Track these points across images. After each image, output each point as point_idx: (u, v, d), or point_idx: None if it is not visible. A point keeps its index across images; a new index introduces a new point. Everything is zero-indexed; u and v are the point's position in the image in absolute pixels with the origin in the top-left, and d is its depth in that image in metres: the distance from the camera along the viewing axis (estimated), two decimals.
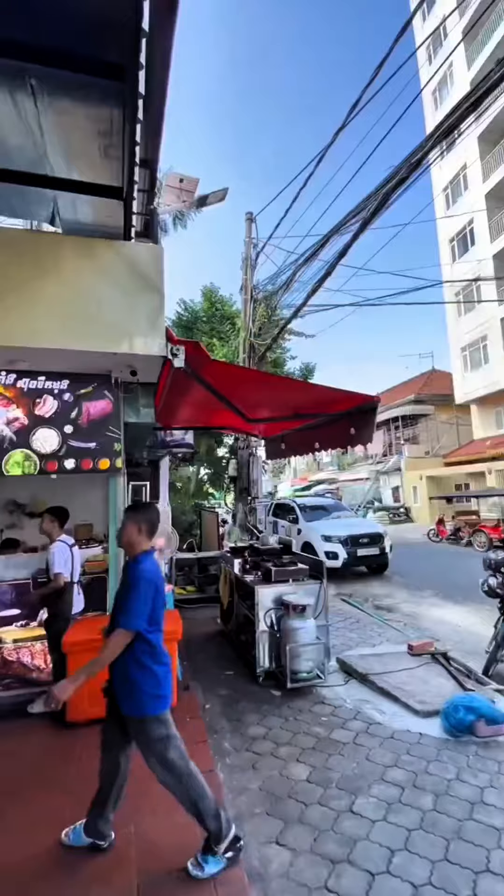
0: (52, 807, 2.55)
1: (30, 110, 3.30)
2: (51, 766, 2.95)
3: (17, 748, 3.16)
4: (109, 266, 3.66)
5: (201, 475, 14.29)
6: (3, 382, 3.93)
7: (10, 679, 3.92)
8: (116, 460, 4.16)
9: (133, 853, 2.21)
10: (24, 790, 2.71)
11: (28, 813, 2.52)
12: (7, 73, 2.94)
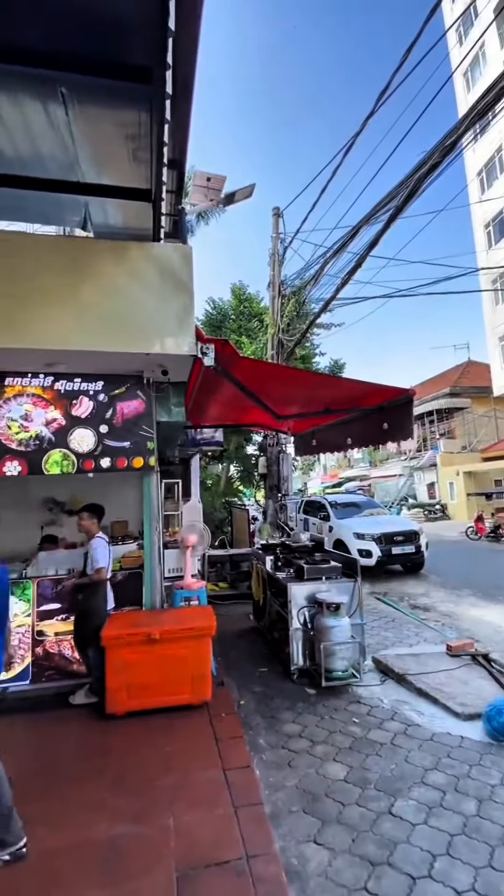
0: (94, 796, 2.62)
1: (61, 119, 3.39)
2: (91, 756, 3.04)
3: (60, 738, 3.28)
4: (140, 268, 3.72)
5: (231, 473, 14.39)
6: (41, 385, 4.07)
7: (51, 670, 4.08)
8: (150, 459, 4.24)
9: (172, 845, 2.25)
10: (67, 780, 2.81)
11: (70, 802, 2.60)
12: (39, 82, 3.03)
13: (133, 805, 2.54)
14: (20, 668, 4.03)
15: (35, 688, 3.99)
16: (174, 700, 3.51)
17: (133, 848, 2.24)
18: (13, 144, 3.59)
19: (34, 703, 3.78)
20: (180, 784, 2.71)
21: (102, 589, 3.82)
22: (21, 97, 3.17)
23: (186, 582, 4.69)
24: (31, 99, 3.19)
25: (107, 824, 2.39)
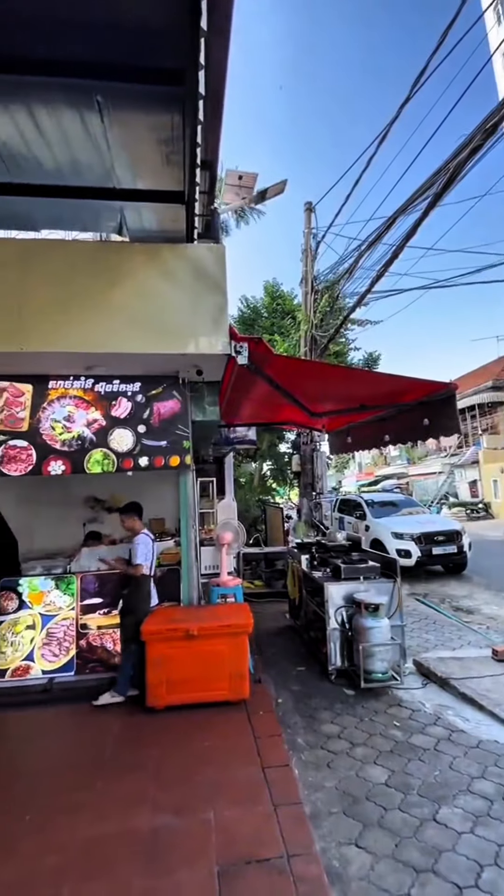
0: (136, 787, 2.69)
1: (97, 127, 3.48)
2: (133, 748, 3.12)
3: (103, 729, 3.38)
4: (174, 269, 3.77)
5: (264, 471, 14.38)
6: (82, 387, 4.21)
7: (94, 663, 4.22)
8: (186, 457, 4.30)
9: (213, 839, 2.27)
10: (110, 769, 2.90)
11: (114, 791, 2.68)
12: (76, 92, 3.12)
13: (174, 798, 2.58)
14: (65, 660, 4.20)
15: (79, 679, 4.14)
16: (212, 696, 3.55)
17: (175, 840, 2.28)
18: (52, 155, 3.72)
19: (78, 693, 3.92)
20: (219, 780, 2.73)
21: (146, 586, 3.91)
22: (59, 108, 3.28)
23: (223, 579, 4.73)
24: (69, 109, 3.30)
25: (149, 815, 2.45)
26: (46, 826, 2.38)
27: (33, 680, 4.10)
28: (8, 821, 2.43)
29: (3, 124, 3.38)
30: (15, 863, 2.14)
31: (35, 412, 4.15)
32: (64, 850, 2.21)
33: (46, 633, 4.22)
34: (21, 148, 3.60)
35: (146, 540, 3.98)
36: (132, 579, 3.93)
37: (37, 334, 3.55)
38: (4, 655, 4.13)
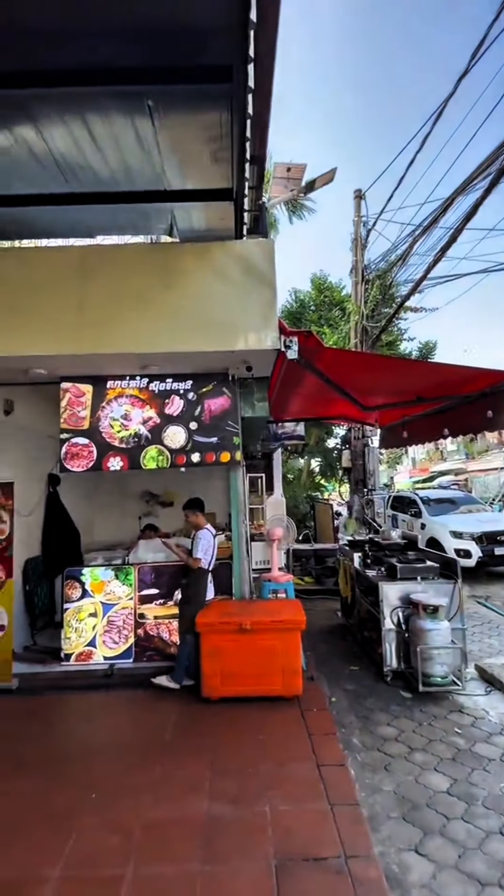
0: (193, 774, 2.77)
1: (148, 131, 3.56)
2: (189, 735, 3.21)
3: (161, 715, 3.51)
4: (224, 266, 3.79)
5: (312, 467, 14.22)
6: (138, 386, 4.37)
7: (151, 651, 4.38)
8: (236, 453, 4.33)
9: (270, 833, 2.29)
10: (169, 755, 2.99)
11: (173, 776, 2.77)
12: (128, 99, 3.20)
13: (230, 787, 2.62)
14: (125, 647, 4.40)
15: (137, 666, 4.32)
16: (265, 690, 3.56)
17: (232, 829, 2.32)
18: (106, 163, 3.86)
19: (137, 680, 4.09)
20: (274, 774, 2.74)
21: (204, 579, 4.00)
22: (112, 116, 3.39)
23: (274, 574, 4.73)
24: (121, 116, 3.40)
25: (206, 803, 2.50)
26: (111, 805, 2.50)
27: (96, 665, 4.33)
28: (75, 797, 2.58)
29: (62, 137, 3.54)
30: (82, 839, 2.27)
31: (95, 411, 4.35)
32: (126, 830, 2.32)
33: (107, 621, 4.43)
34: (78, 158, 3.77)
35: (207, 535, 4.06)
36: (191, 572, 4.03)
37: (95, 337, 3.72)
38: (70, 641, 4.39)
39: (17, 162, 3.79)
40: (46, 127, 3.45)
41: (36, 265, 3.79)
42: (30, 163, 3.80)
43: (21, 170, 3.89)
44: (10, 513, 4.16)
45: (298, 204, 8.77)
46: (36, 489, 5.55)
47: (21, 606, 4.93)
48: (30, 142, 3.58)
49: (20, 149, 3.66)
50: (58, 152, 3.68)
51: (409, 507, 10.69)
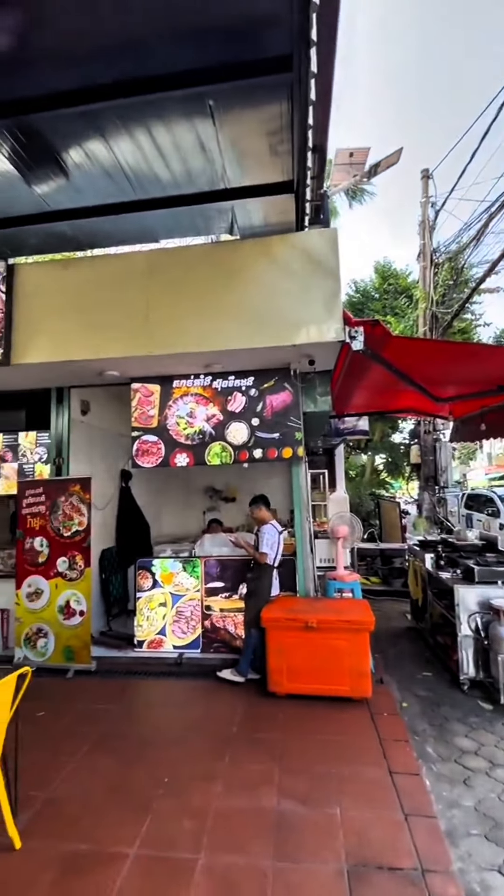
0: (262, 768, 2.78)
1: (209, 131, 3.60)
2: (256, 729, 3.23)
3: (229, 706, 3.57)
4: (285, 260, 3.75)
5: (377, 463, 13.73)
6: (202, 384, 4.47)
7: (218, 643, 4.48)
8: (298, 449, 4.29)
9: (341, 836, 2.24)
10: (238, 746, 3.03)
11: (242, 768, 2.80)
12: (189, 102, 3.26)
13: (298, 785, 2.60)
14: (192, 638, 4.54)
15: (205, 657, 4.44)
16: (333, 690, 3.50)
17: (302, 828, 2.30)
18: (168, 168, 3.97)
19: (204, 670, 4.20)
20: (344, 776, 2.68)
21: (269, 574, 4.02)
22: (173, 121, 3.47)
23: (339, 573, 4.63)
24: (183, 120, 3.47)
25: (275, 798, 2.50)
26: (183, 791, 2.58)
27: (166, 653, 4.51)
28: (149, 780, 2.70)
29: (129, 149, 3.69)
30: (158, 821, 2.36)
31: (162, 410, 4.52)
32: (199, 816, 2.38)
33: (176, 611, 4.60)
34: (143, 166, 3.91)
35: (272, 530, 4.07)
36: (256, 566, 4.06)
37: (162, 338, 3.85)
38: (142, 628, 4.62)
39: (89, 176, 4.02)
40: (114, 139, 3.61)
41: (107, 272, 4.00)
42: (101, 175, 4.01)
43: (93, 183, 4.12)
44: (88, 506, 4.45)
45: (359, 189, 8.46)
46: (110, 484, 5.89)
47: (98, 594, 5.27)
48: (99, 156, 3.77)
49: (92, 163, 3.87)
50: (125, 163, 3.85)
51: (486, 506, 9.98)
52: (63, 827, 2.32)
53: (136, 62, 2.92)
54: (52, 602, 4.41)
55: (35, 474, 4.89)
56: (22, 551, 4.58)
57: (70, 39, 2.79)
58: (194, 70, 2.98)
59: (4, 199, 4.27)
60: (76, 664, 4.26)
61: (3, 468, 5.00)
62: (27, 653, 4.41)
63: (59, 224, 4.60)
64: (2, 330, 3.91)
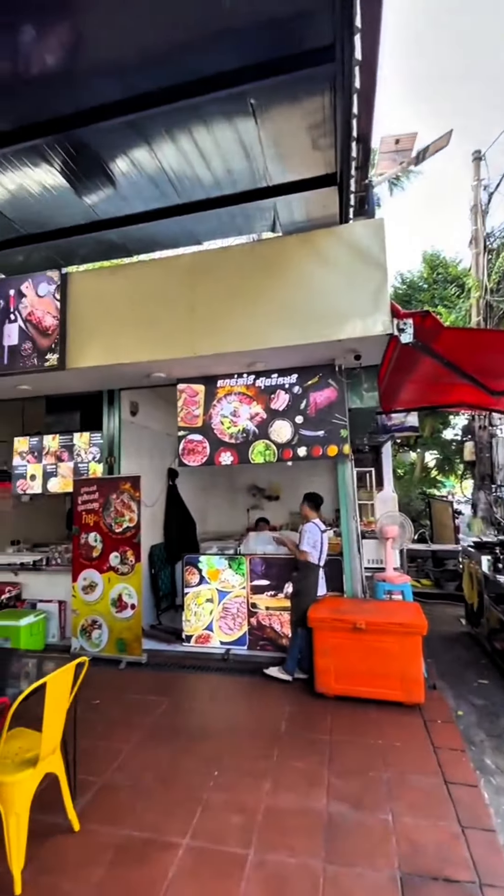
0: (312, 768, 2.75)
1: (251, 130, 3.60)
2: (305, 729, 3.20)
3: (276, 704, 3.56)
4: (328, 254, 3.69)
5: (427, 460, 13.21)
6: (245, 383, 4.49)
7: (264, 641, 4.49)
8: (344, 447, 4.21)
9: (394, 843, 2.17)
10: (285, 745, 3.02)
11: (291, 767, 2.78)
12: (230, 102, 3.27)
13: (350, 789, 2.56)
14: (239, 634, 4.58)
15: (251, 654, 4.46)
16: (383, 694, 3.41)
17: (353, 832, 2.26)
18: (209, 169, 4.01)
19: (251, 667, 4.22)
20: (397, 782, 2.60)
21: (314, 573, 3.98)
22: (215, 123, 3.50)
23: (388, 574, 4.50)
24: (224, 120, 3.49)
25: (325, 800, 2.47)
26: (232, 785, 2.61)
27: (213, 648, 4.59)
28: (199, 772, 2.75)
29: (172, 154, 3.77)
30: (207, 814, 2.40)
31: (207, 409, 4.59)
32: (249, 812, 2.40)
33: (222, 608, 4.66)
34: (186, 170, 3.98)
35: (314, 528, 4.02)
36: (301, 565, 4.03)
37: (206, 339, 3.90)
38: (190, 623, 4.72)
39: (135, 183, 4.15)
40: (158, 145, 3.70)
41: (152, 277, 4.11)
42: (146, 182, 4.13)
43: (139, 190, 4.25)
44: (137, 503, 4.60)
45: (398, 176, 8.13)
46: (158, 482, 6.06)
47: (148, 588, 5.45)
48: (144, 163, 3.88)
49: (137, 171, 3.98)
50: (168, 168, 3.94)
51: None
52: (118, 812, 2.41)
53: (178, 67, 2.97)
54: (106, 595, 4.61)
55: (89, 473, 5.12)
56: (77, 546, 4.82)
57: (115, 51, 2.88)
58: (236, 70, 2.99)
59: (58, 211, 4.50)
60: (128, 656, 4.43)
61: (60, 467, 5.28)
62: (83, 643, 4.64)
63: (107, 232, 4.78)
64: (57, 336, 4.13)
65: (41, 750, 2.10)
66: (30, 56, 2.87)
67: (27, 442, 5.45)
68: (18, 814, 1.98)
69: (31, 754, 2.14)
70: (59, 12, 2.59)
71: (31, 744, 2.23)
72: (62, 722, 2.25)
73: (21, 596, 5.27)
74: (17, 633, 4.57)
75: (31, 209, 4.45)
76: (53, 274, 4.23)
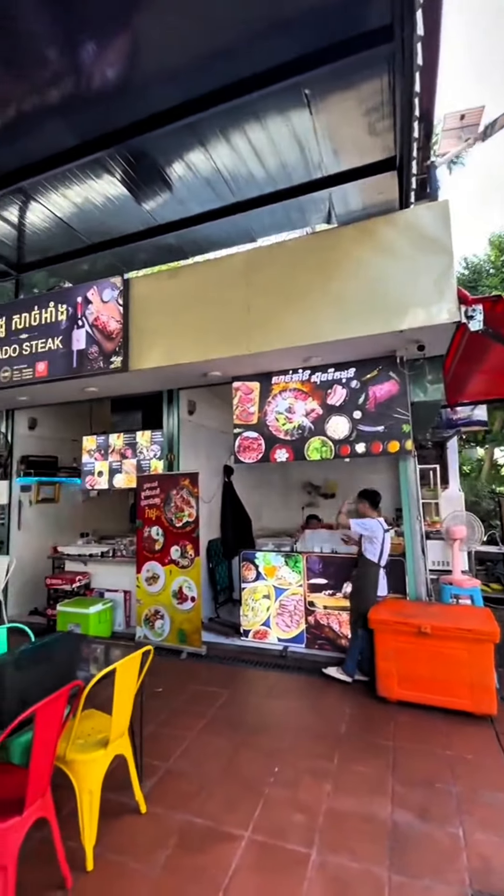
0: (375, 774, 2.67)
1: (305, 122, 3.55)
2: (366, 732, 3.12)
3: (336, 705, 3.50)
4: (389, 241, 3.54)
5: (496, 457, 12.37)
6: (300, 379, 4.44)
7: (322, 640, 4.43)
8: (406, 442, 4.03)
9: (464, 859, 2.06)
10: (346, 748, 2.96)
11: (353, 770, 2.73)
12: (284, 95, 3.24)
13: (416, 799, 2.46)
14: (296, 632, 4.55)
15: (309, 652, 4.43)
16: (450, 702, 3.24)
17: (420, 843, 2.17)
18: (263, 166, 4.00)
19: (309, 665, 4.19)
20: (467, 796, 2.46)
21: (374, 572, 3.87)
22: (268, 118, 3.48)
23: (455, 577, 4.26)
24: (278, 115, 3.46)
25: (390, 808, 2.39)
26: (292, 783, 2.60)
27: (270, 644, 4.60)
28: (259, 767, 2.77)
29: (227, 154, 3.81)
30: (268, 809, 2.41)
31: (262, 406, 4.60)
32: (310, 812, 2.37)
33: (279, 605, 4.66)
34: (240, 168, 4.00)
35: (376, 525, 3.92)
36: (361, 564, 3.94)
37: (261, 336, 3.90)
38: (247, 618, 4.77)
39: (191, 186, 4.24)
40: (213, 146, 3.74)
41: (208, 277, 4.18)
42: (201, 184, 4.20)
43: (195, 192, 4.33)
44: (196, 499, 4.72)
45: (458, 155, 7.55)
46: (214, 479, 6.18)
47: (206, 582, 5.57)
48: (199, 165, 3.95)
49: (193, 174, 4.06)
50: (223, 167, 3.98)
51: None
52: (182, 798, 2.49)
53: (232, 66, 2.98)
54: (168, 587, 4.78)
55: (150, 469, 5.33)
56: (141, 539, 5.04)
57: (170, 58, 2.95)
58: (290, 62, 2.95)
59: (119, 219, 4.71)
60: (189, 647, 4.56)
61: (125, 464, 5.54)
62: (146, 632, 4.84)
63: (165, 236, 4.93)
64: (121, 340, 4.32)
65: (111, 732, 2.22)
66: (92, 72, 3.02)
67: (95, 441, 5.78)
68: (91, 791, 2.10)
69: (101, 735, 2.27)
70: (117, 25, 2.69)
71: (101, 725, 2.36)
72: (130, 707, 2.35)
73: (90, 585, 5.61)
74: (86, 620, 4.87)
75: (96, 220, 4.69)
76: (116, 280, 4.42)
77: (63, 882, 1.95)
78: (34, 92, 3.14)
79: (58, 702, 1.84)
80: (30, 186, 4.05)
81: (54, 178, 3.97)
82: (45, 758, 1.83)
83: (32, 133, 3.49)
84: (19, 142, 3.59)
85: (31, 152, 3.69)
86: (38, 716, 1.74)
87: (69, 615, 4.94)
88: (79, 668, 2.63)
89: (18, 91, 3.15)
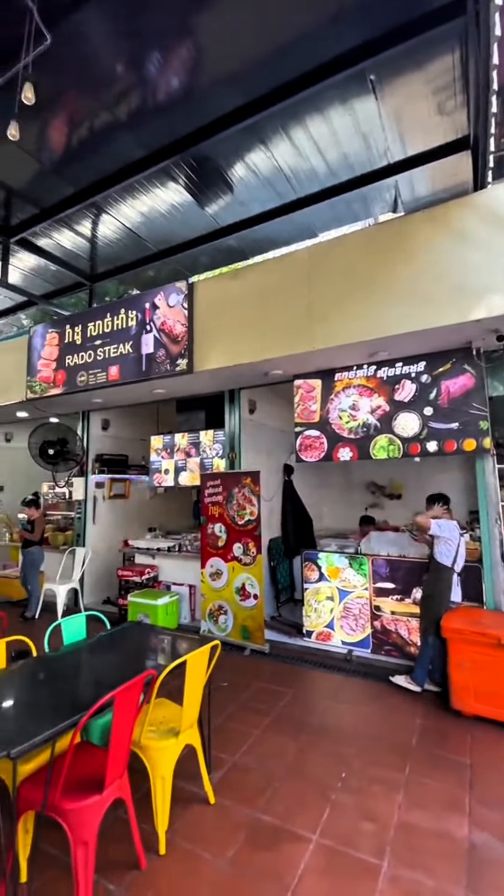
0: (449, 790, 2.53)
1: (370, 109, 3.43)
2: (439, 746, 2.96)
3: (406, 715, 3.36)
4: (461, 226, 3.33)
5: None
6: (365, 375, 4.31)
7: (389, 646, 4.27)
8: (484, 440, 3.77)
9: None
10: (417, 759, 2.82)
11: (424, 784, 2.59)
12: (347, 84, 3.15)
13: (494, 819, 2.29)
14: (362, 636, 4.43)
15: (375, 658, 4.29)
16: None
17: (500, 865, 2.02)
18: (324, 159, 3.92)
19: (375, 671, 4.05)
20: None
21: (447, 576, 3.67)
22: (330, 109, 3.41)
23: None
24: (340, 105, 3.38)
25: (467, 827, 2.25)
26: (360, 791, 2.53)
27: (334, 647, 4.52)
28: (326, 770, 2.72)
29: (287, 150, 3.78)
30: (336, 815, 2.36)
31: (324, 404, 4.52)
32: (380, 822, 2.30)
33: (343, 607, 4.56)
34: (301, 164, 3.96)
35: (454, 526, 3.71)
36: (433, 569, 3.74)
37: (324, 332, 3.83)
38: (310, 618, 4.72)
39: (251, 187, 4.27)
40: (273, 144, 3.74)
41: (270, 276, 4.18)
42: (261, 184, 4.22)
43: (255, 193, 4.36)
44: (257, 497, 4.75)
45: None
46: (275, 478, 6.18)
47: (268, 580, 5.59)
48: (260, 164, 3.96)
49: (254, 174, 4.09)
50: (284, 164, 3.96)
51: None
52: (248, 794, 2.51)
53: (294, 60, 2.96)
54: (230, 583, 4.86)
55: (213, 468, 5.45)
56: (205, 535, 5.17)
57: (230, 62, 2.98)
58: (355, 48, 2.88)
59: (183, 225, 4.86)
60: (252, 644, 4.60)
61: (189, 462, 5.72)
62: (210, 626, 4.96)
63: (226, 238, 5.01)
64: (186, 342, 4.46)
65: (182, 722, 2.29)
66: (157, 83, 3.13)
67: (161, 440, 6.02)
68: (164, 777, 2.19)
69: (172, 724, 2.35)
70: (179, 32, 2.77)
71: (172, 714, 2.45)
72: (199, 698, 2.42)
73: (158, 577, 5.86)
74: (155, 611, 5.09)
75: (161, 227, 4.88)
76: (181, 284, 4.56)
77: (137, 862, 2.04)
78: (105, 108, 3.33)
79: (134, 689, 1.93)
80: (102, 200, 4.30)
81: (123, 190, 4.18)
82: (122, 741, 1.93)
83: (104, 148, 3.70)
84: (93, 158, 3.82)
85: (103, 167, 3.91)
86: (117, 701, 1.84)
87: (139, 605, 5.19)
88: (148, 658, 2.75)
89: (91, 109, 3.36)
